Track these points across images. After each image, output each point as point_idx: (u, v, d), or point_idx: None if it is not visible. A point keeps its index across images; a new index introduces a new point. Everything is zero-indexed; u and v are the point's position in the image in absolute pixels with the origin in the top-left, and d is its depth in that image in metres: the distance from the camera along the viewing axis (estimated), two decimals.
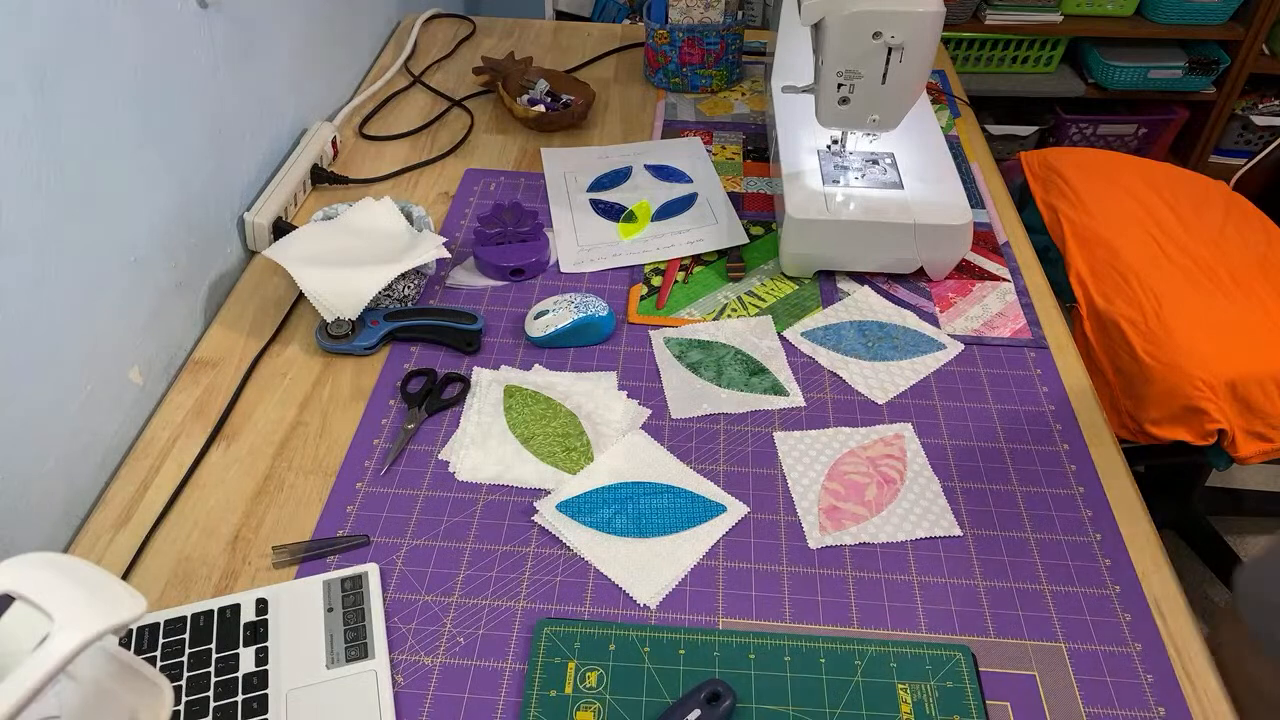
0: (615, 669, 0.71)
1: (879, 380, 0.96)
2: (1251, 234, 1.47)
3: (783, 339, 1.00)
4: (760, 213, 1.19)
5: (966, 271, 1.10)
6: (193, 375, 0.96)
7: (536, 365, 0.97)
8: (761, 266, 1.10)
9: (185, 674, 0.69)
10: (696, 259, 1.11)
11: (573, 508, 0.83)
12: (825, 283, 1.08)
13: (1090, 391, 0.96)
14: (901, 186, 1.08)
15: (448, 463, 0.87)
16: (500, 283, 1.07)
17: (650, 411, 0.92)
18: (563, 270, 1.09)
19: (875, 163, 1.11)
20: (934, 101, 1.38)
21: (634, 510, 0.83)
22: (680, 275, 1.09)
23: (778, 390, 0.95)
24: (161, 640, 0.71)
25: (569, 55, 1.54)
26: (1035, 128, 2.56)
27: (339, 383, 0.95)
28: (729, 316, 1.03)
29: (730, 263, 1.10)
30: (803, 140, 1.15)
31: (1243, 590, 0.78)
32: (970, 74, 2.51)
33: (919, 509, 0.83)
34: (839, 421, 0.92)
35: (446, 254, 1.02)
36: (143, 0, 0.87)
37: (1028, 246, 1.15)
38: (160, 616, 0.73)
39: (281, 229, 1.10)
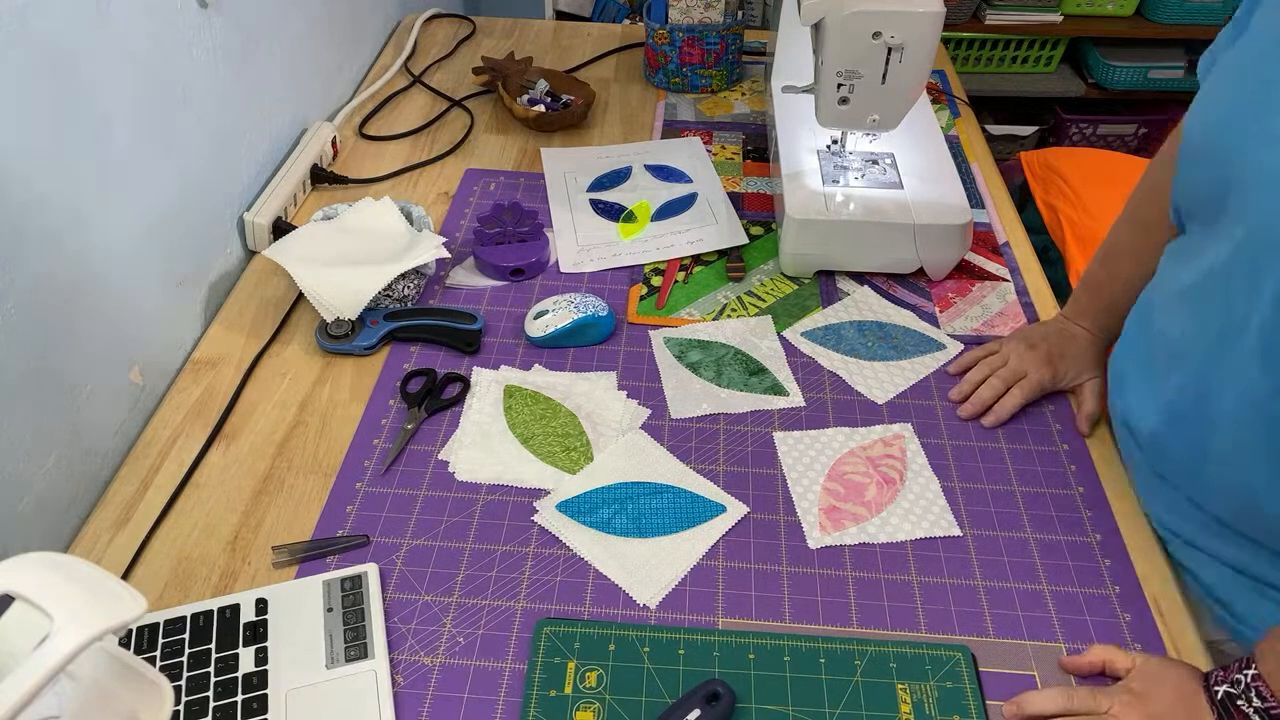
0: (615, 669, 0.71)
1: (879, 380, 0.96)
2: None
3: (782, 339, 1.00)
4: (760, 213, 1.19)
5: (966, 271, 1.10)
6: (193, 375, 0.96)
7: (536, 365, 0.97)
8: (761, 266, 1.10)
9: (185, 674, 0.69)
10: (696, 259, 1.11)
11: (572, 508, 0.83)
12: (825, 283, 1.08)
13: None
14: (901, 186, 1.08)
15: (447, 463, 0.87)
16: (500, 283, 1.07)
17: (650, 411, 0.92)
18: (562, 270, 1.09)
19: (875, 163, 1.11)
20: (934, 101, 1.38)
21: (634, 510, 0.83)
22: (680, 275, 1.09)
23: (777, 390, 0.95)
24: (161, 640, 0.71)
25: (569, 55, 1.54)
26: (1035, 128, 2.56)
27: (339, 383, 0.95)
28: (729, 316, 1.03)
29: (730, 263, 1.10)
30: (803, 140, 1.15)
31: None
32: (970, 74, 2.51)
33: (919, 509, 0.83)
34: (839, 421, 0.92)
35: (446, 254, 1.02)
36: (143, 1, 0.87)
37: (1028, 246, 1.15)
38: (160, 616, 0.73)
39: (281, 229, 1.10)
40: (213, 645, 0.71)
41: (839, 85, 0.97)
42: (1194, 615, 0.76)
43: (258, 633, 0.72)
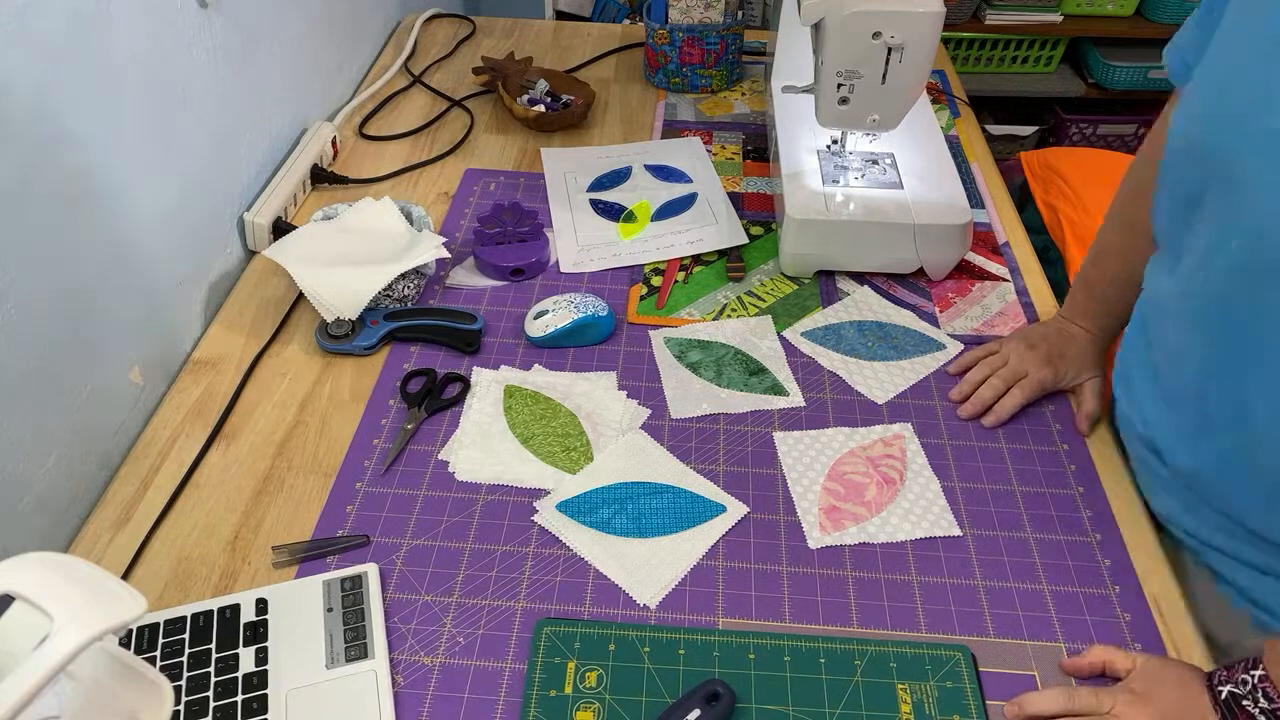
0: (615, 669, 0.71)
1: (879, 380, 0.96)
2: None
3: (782, 339, 1.00)
4: (760, 213, 1.19)
5: (966, 271, 1.10)
6: (193, 375, 0.96)
7: (536, 365, 0.97)
8: (761, 266, 1.10)
9: (185, 674, 0.69)
10: (696, 259, 1.11)
11: (572, 508, 0.83)
12: (825, 283, 1.08)
13: None
14: (901, 186, 1.08)
15: (447, 463, 0.87)
16: (500, 283, 1.07)
17: (650, 411, 0.92)
18: (563, 270, 1.09)
19: (875, 163, 1.11)
20: (934, 101, 1.38)
21: (634, 510, 0.83)
22: (680, 275, 1.09)
23: (777, 390, 0.95)
24: (161, 640, 0.71)
25: (569, 55, 1.54)
26: (1035, 128, 2.56)
27: (339, 383, 0.95)
28: (729, 316, 1.03)
29: (730, 263, 1.10)
30: (803, 140, 1.15)
31: None
32: (970, 74, 2.51)
33: (919, 509, 0.83)
34: (839, 421, 0.92)
35: (446, 254, 1.02)
36: (143, 1, 0.87)
37: (1028, 246, 1.15)
38: (160, 616, 0.73)
39: (281, 229, 1.10)
40: (213, 645, 0.71)
41: (839, 85, 0.97)
42: (1216, 616, 0.76)
43: (258, 633, 0.72)
